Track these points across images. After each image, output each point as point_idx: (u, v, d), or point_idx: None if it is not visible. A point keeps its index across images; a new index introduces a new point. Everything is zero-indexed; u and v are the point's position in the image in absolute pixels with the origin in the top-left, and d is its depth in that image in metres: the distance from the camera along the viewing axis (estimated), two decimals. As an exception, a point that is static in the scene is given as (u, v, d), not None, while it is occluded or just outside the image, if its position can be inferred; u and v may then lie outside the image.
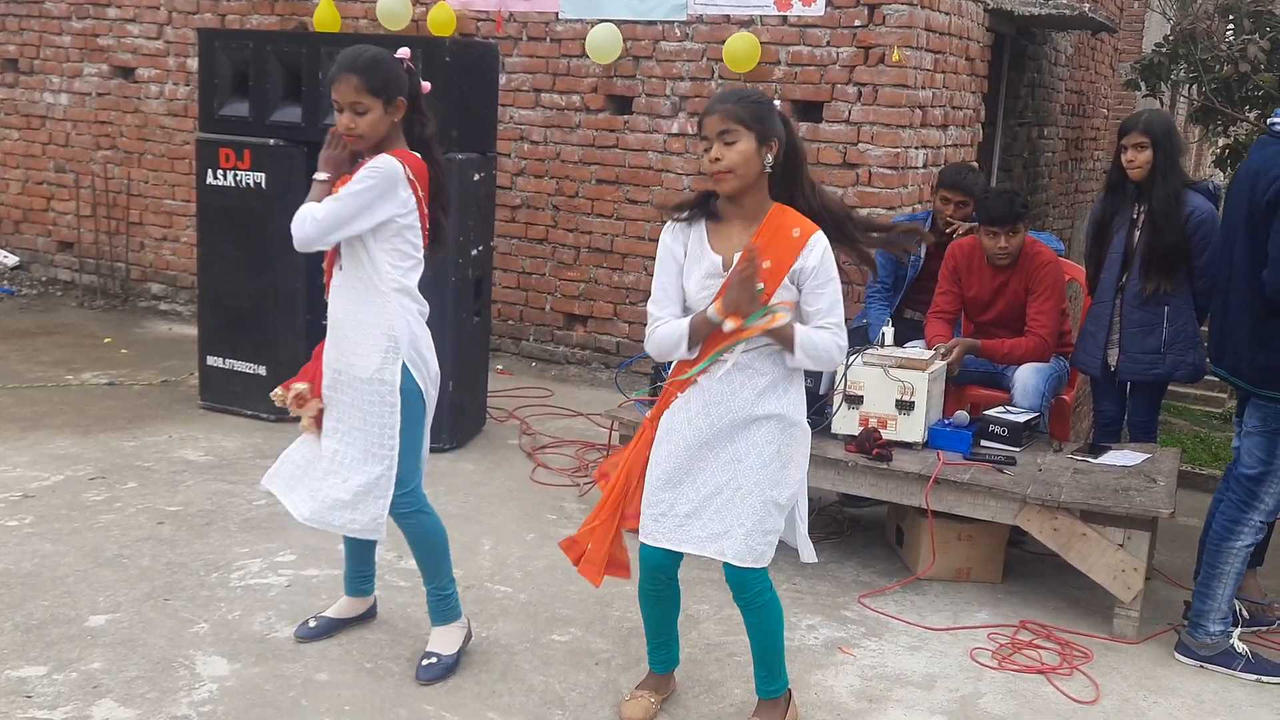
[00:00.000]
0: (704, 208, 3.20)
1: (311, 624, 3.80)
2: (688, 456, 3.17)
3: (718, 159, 3.04)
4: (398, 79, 3.41)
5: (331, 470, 3.53)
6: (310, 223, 3.42)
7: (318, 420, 3.60)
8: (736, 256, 3.08)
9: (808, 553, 3.39)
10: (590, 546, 3.31)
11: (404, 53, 3.53)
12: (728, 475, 3.15)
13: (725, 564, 3.18)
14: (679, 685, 3.57)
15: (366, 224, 3.39)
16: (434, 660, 3.60)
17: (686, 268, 3.17)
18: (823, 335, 3.10)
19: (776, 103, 3.17)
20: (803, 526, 3.35)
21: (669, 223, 3.23)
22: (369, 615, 3.92)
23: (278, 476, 3.70)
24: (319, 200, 3.45)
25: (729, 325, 3.06)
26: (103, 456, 5.40)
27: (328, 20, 7.73)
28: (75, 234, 9.16)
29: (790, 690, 3.39)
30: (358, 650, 3.71)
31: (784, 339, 3.09)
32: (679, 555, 3.24)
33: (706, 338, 3.13)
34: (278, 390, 3.67)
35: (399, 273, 3.46)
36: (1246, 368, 3.87)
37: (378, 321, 3.44)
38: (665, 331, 3.17)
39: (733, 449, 3.15)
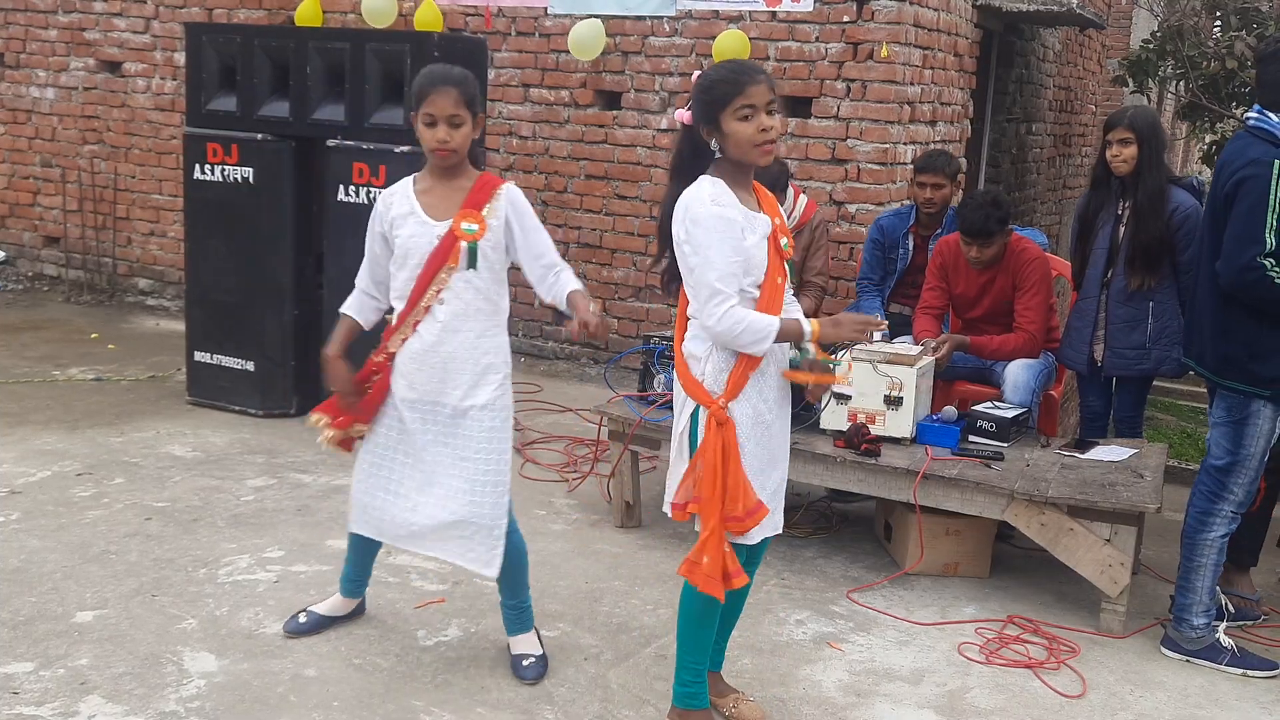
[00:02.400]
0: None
1: (301, 619, 3.79)
2: (769, 435, 3.17)
3: (770, 128, 3.00)
4: (481, 94, 3.44)
5: (444, 509, 3.48)
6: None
7: (346, 444, 3.60)
8: (767, 217, 3.10)
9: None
10: (707, 560, 3.06)
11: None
12: (784, 452, 3.27)
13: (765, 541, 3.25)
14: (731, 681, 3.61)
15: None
16: (532, 659, 3.61)
17: (748, 237, 3.04)
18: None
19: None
20: None
21: (701, 193, 3.01)
22: (358, 612, 3.91)
23: (368, 522, 3.63)
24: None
25: (811, 350, 3.14)
26: (90, 452, 5.38)
27: (309, 16, 7.70)
28: (62, 229, 9.13)
29: None
30: (346, 646, 3.71)
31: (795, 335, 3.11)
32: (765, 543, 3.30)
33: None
34: (330, 434, 3.58)
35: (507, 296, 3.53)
36: (1210, 358, 3.90)
37: (499, 349, 3.49)
38: (755, 322, 2.99)
39: (784, 423, 3.24)
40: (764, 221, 3.10)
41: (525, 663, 3.60)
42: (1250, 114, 3.90)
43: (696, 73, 3.20)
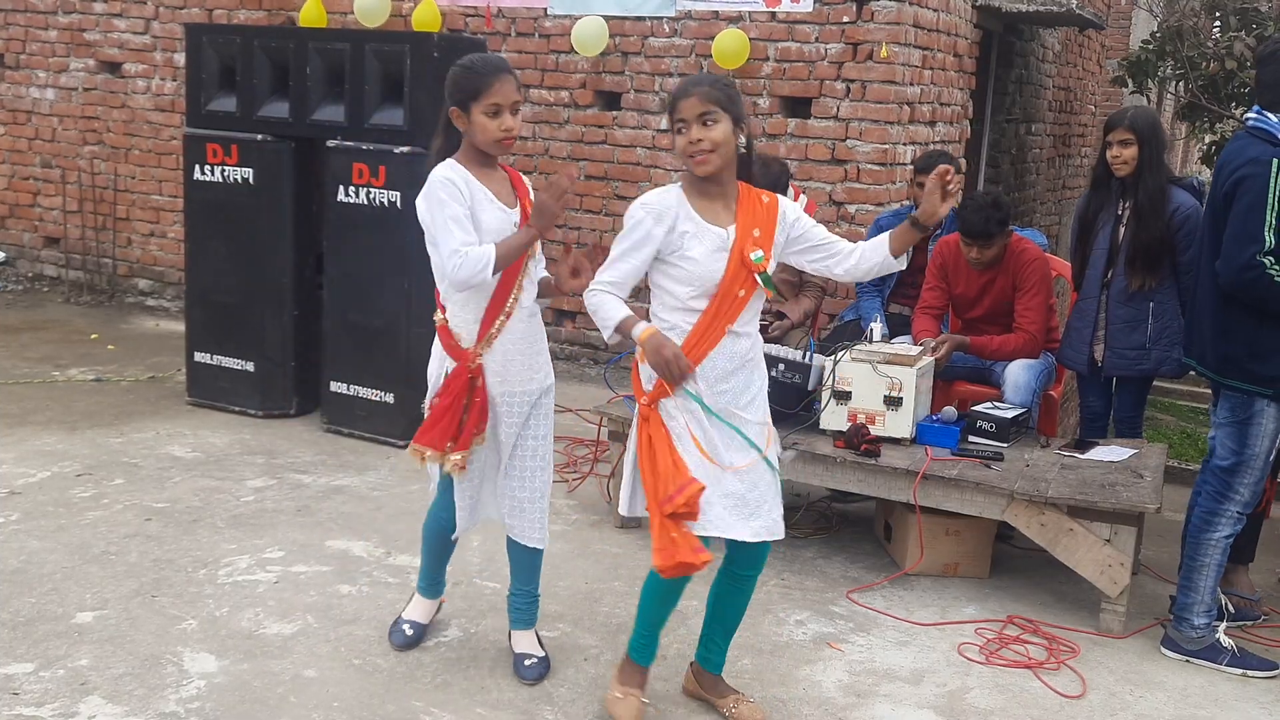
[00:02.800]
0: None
1: (409, 632, 3.76)
2: (720, 435, 3.19)
3: (699, 140, 3.08)
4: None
5: (522, 488, 3.53)
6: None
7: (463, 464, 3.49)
8: (732, 230, 3.15)
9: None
10: (656, 546, 3.12)
11: None
12: (752, 454, 3.22)
13: (745, 541, 3.23)
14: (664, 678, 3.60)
15: None
16: (535, 659, 3.61)
17: (686, 244, 3.13)
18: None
19: None
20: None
21: (646, 202, 3.16)
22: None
23: (472, 518, 3.60)
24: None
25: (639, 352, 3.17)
26: (90, 453, 5.38)
27: (313, 16, 7.71)
28: (62, 229, 9.13)
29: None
30: (346, 647, 3.71)
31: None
32: None
33: (729, 298, 3.16)
34: (456, 458, 3.43)
35: None
36: (1211, 357, 3.91)
37: (543, 331, 3.56)
38: (603, 305, 3.17)
39: (741, 423, 3.21)
40: (716, 234, 3.15)
41: (527, 662, 3.60)
42: (1250, 114, 3.91)
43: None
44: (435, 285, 3.44)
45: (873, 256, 3.27)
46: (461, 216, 3.25)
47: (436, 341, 3.48)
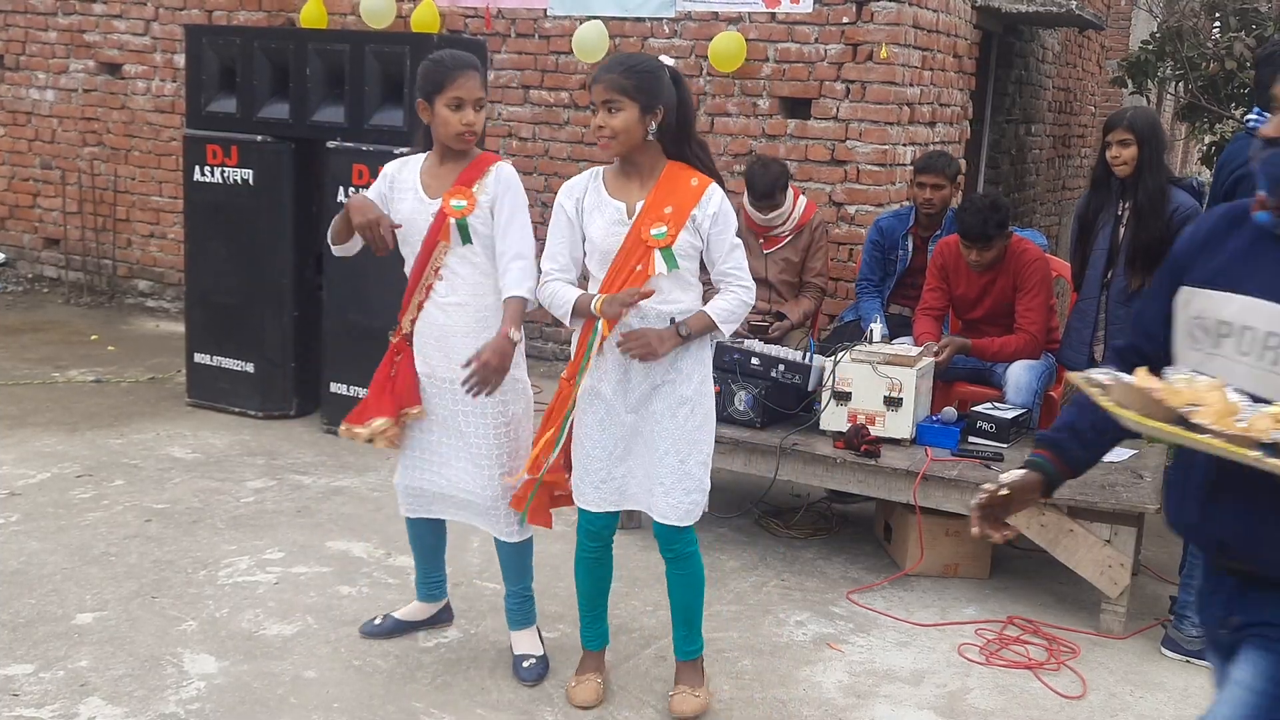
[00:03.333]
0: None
1: (378, 621, 3.82)
2: (615, 420, 3.31)
3: (601, 126, 3.18)
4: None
5: (471, 481, 3.55)
6: (531, 269, 3.50)
7: (395, 439, 3.59)
8: (639, 205, 3.22)
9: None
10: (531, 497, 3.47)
11: None
12: (651, 436, 3.29)
13: (656, 522, 3.35)
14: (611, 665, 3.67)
15: None
16: (533, 660, 3.63)
17: (587, 218, 3.29)
18: (729, 299, 3.27)
19: (668, 62, 3.27)
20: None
21: (564, 184, 3.35)
22: (444, 617, 3.91)
23: (419, 502, 3.67)
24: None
25: (601, 326, 3.26)
26: (90, 454, 5.38)
27: (314, 17, 7.70)
28: (62, 230, 9.13)
29: (702, 656, 3.51)
30: (346, 648, 3.71)
31: (704, 327, 3.25)
32: (615, 519, 3.43)
33: (625, 270, 3.25)
34: (385, 430, 3.55)
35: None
36: None
37: (480, 326, 3.51)
38: (556, 294, 3.31)
39: (651, 410, 3.29)
40: (616, 207, 3.25)
41: (526, 664, 3.61)
42: (1251, 115, 3.92)
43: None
44: None
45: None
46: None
47: None
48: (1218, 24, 8.56)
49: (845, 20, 6.56)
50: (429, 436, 3.56)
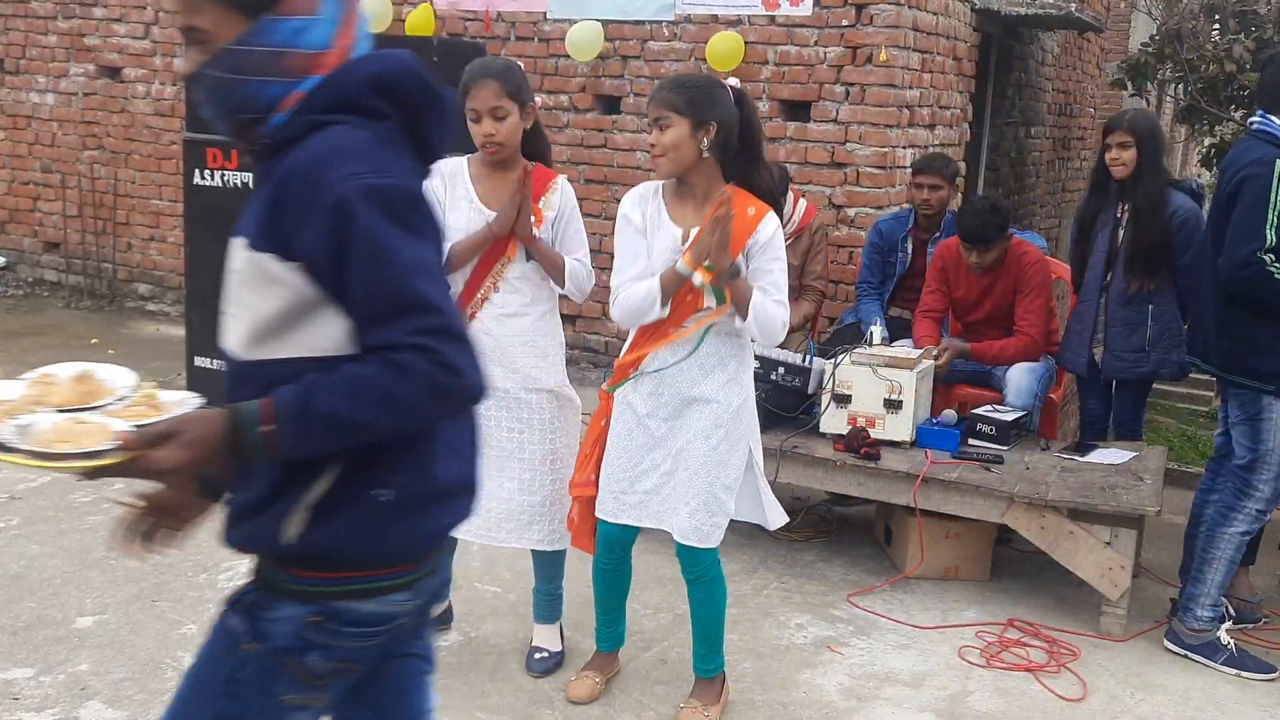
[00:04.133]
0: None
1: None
2: (644, 433, 3.28)
3: (653, 144, 3.14)
4: (528, 85, 3.43)
5: (514, 494, 3.54)
6: (591, 279, 3.54)
7: None
8: (694, 231, 3.15)
9: (776, 515, 3.49)
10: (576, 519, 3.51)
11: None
12: (679, 454, 3.27)
13: (677, 542, 3.32)
14: (622, 667, 3.68)
15: None
16: (545, 654, 3.66)
17: (651, 238, 3.22)
18: (773, 305, 3.18)
19: (732, 83, 3.23)
20: (767, 492, 3.47)
21: (627, 196, 3.30)
22: (446, 617, 3.92)
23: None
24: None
25: (698, 278, 3.11)
26: (90, 457, 5.38)
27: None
28: (62, 234, 9.13)
29: (724, 673, 3.48)
30: (347, 651, 3.71)
31: (741, 297, 3.14)
32: (635, 531, 3.40)
33: (675, 299, 3.18)
34: None
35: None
36: (1214, 353, 3.95)
37: (555, 332, 3.56)
38: (634, 292, 3.18)
39: (682, 427, 3.26)
40: (672, 233, 3.22)
41: (538, 655, 3.66)
42: (1254, 118, 3.94)
43: (734, 80, 3.30)
44: None
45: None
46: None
47: None
48: (1217, 26, 8.57)
49: (845, 23, 6.56)
50: None
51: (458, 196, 3.43)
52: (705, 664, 3.44)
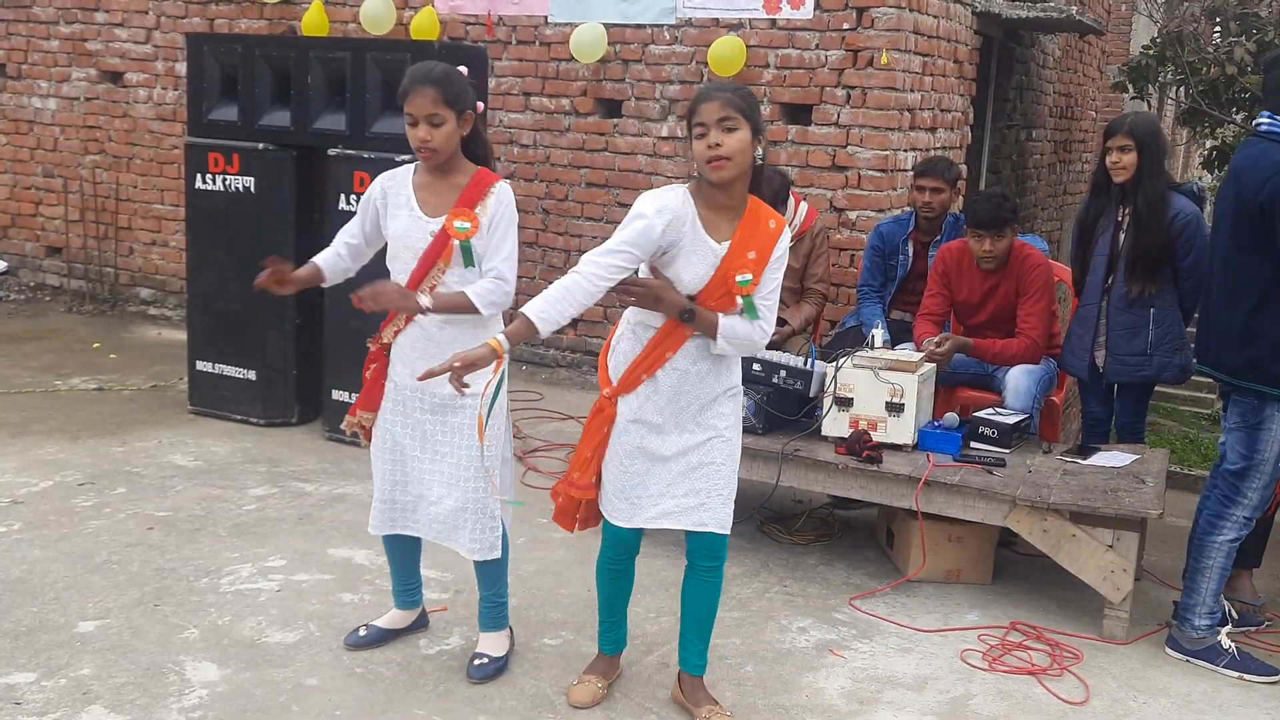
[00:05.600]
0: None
1: (362, 632, 3.80)
2: (659, 436, 3.26)
3: (718, 144, 3.04)
4: (467, 92, 3.43)
5: (444, 498, 3.54)
6: (509, 292, 3.45)
7: (367, 432, 3.65)
8: (725, 246, 3.15)
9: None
10: (560, 498, 3.44)
11: (462, 70, 3.53)
12: (702, 449, 3.26)
13: (694, 533, 3.31)
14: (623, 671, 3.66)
15: None
16: (485, 660, 3.64)
17: (684, 255, 3.15)
18: (743, 324, 3.17)
19: None
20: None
21: (660, 200, 3.11)
22: (421, 623, 3.91)
23: (391, 520, 3.63)
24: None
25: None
26: (92, 462, 5.39)
27: (316, 25, 7.72)
28: (64, 239, 9.14)
29: None
30: (348, 656, 3.71)
31: (708, 327, 3.16)
32: (641, 533, 3.39)
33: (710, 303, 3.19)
34: (350, 420, 3.67)
35: None
36: (1232, 360, 3.90)
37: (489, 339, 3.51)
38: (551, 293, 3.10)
39: (703, 423, 3.26)
40: (710, 247, 3.15)
41: (477, 662, 3.64)
42: (1262, 119, 3.89)
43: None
44: None
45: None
46: (359, 214, 3.56)
47: None
48: (1218, 29, 8.56)
49: (846, 26, 6.57)
50: (405, 449, 3.55)
51: (399, 204, 3.46)
52: (700, 660, 3.45)
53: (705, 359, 3.24)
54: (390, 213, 3.47)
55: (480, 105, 3.55)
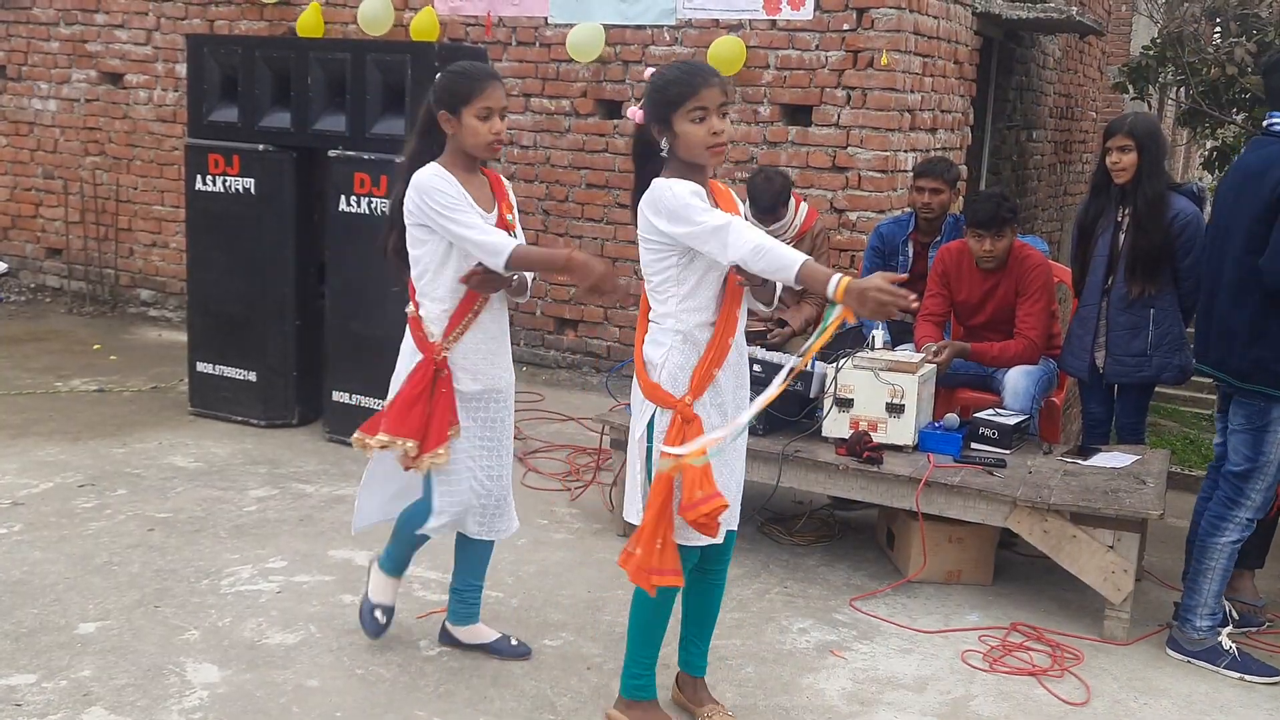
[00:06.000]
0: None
1: (380, 618, 3.76)
2: (733, 441, 3.19)
3: (720, 131, 3.04)
4: None
5: (500, 486, 3.60)
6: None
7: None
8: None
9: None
10: (639, 551, 3.09)
11: None
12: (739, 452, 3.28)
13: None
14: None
15: None
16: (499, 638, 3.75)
17: None
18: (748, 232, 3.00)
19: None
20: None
21: (680, 182, 3.04)
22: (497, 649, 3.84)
23: (483, 524, 3.61)
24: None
25: (836, 310, 2.97)
26: (92, 463, 5.39)
27: (311, 26, 7.72)
28: (64, 240, 9.14)
29: None
30: (349, 657, 3.71)
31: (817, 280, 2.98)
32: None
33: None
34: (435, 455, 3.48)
35: None
36: (1238, 361, 3.89)
37: (508, 329, 3.62)
38: (764, 243, 2.91)
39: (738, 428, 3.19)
40: None
41: (514, 641, 3.74)
42: (1274, 118, 3.88)
43: (649, 70, 3.26)
44: (410, 279, 3.52)
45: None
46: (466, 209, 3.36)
47: (407, 335, 3.55)
48: (1218, 29, 8.56)
49: (846, 27, 6.57)
50: (476, 452, 3.54)
51: (460, 202, 3.43)
52: (704, 660, 3.45)
53: (739, 357, 3.24)
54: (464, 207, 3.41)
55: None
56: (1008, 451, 4.61)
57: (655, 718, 3.33)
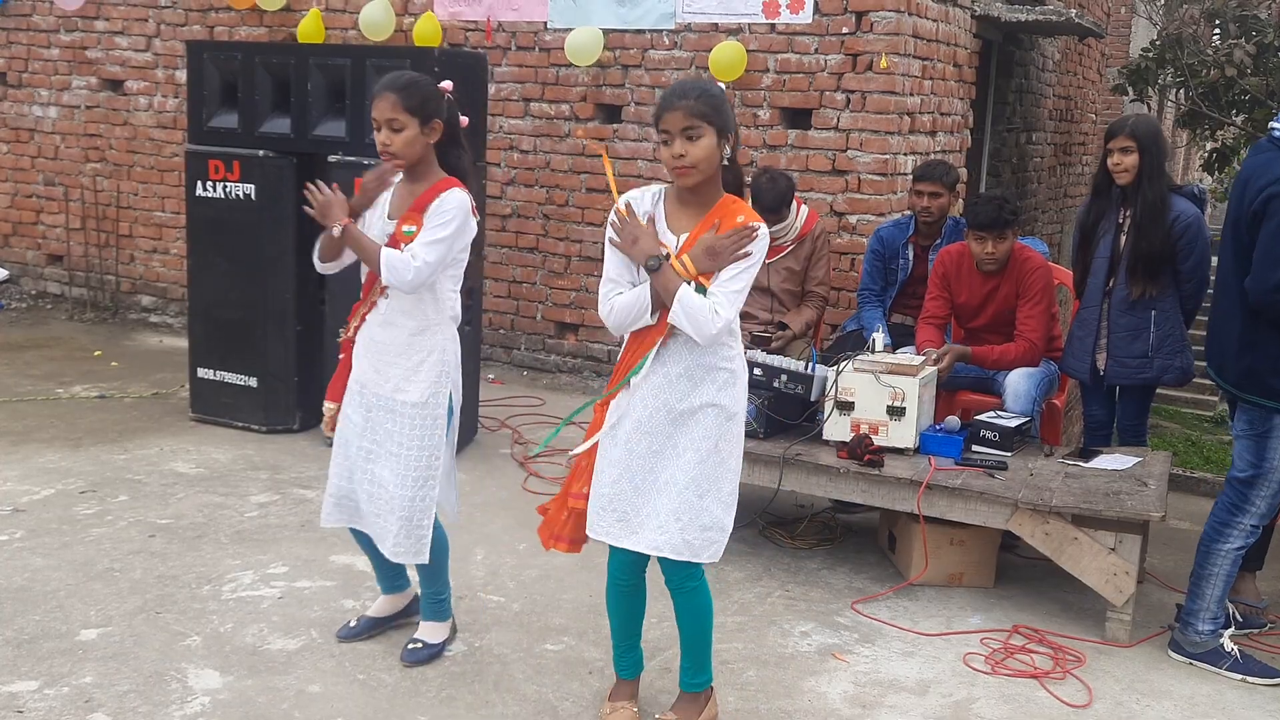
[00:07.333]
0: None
1: (353, 623, 3.88)
2: (629, 451, 3.20)
3: (682, 155, 3.06)
4: (435, 102, 3.46)
5: (375, 496, 3.59)
6: (414, 270, 3.40)
7: (332, 422, 3.73)
8: (683, 238, 3.14)
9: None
10: (550, 512, 3.43)
11: (446, 85, 3.57)
12: (667, 468, 3.17)
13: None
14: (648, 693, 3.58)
15: (452, 258, 3.52)
16: (419, 645, 3.73)
17: None
18: (700, 299, 3.05)
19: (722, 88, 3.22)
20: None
21: (631, 192, 3.24)
22: (412, 609, 3.94)
23: (341, 511, 3.72)
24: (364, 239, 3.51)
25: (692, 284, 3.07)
26: (93, 470, 5.39)
27: (311, 32, 7.73)
28: (65, 247, 9.15)
29: (712, 688, 3.44)
30: (350, 662, 3.71)
31: (666, 287, 3.06)
32: (641, 557, 3.28)
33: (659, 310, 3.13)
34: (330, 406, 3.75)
35: (454, 301, 3.58)
36: (1232, 371, 3.89)
37: (433, 349, 3.55)
38: (628, 299, 3.14)
39: (672, 442, 3.17)
40: (667, 239, 3.17)
41: (411, 646, 3.73)
42: (1276, 124, 3.87)
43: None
44: None
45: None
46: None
47: None
48: (1217, 31, 8.58)
49: (845, 31, 6.57)
50: (354, 444, 3.63)
51: (379, 204, 3.59)
52: (690, 678, 3.39)
53: (673, 369, 3.19)
54: (373, 213, 3.60)
55: (465, 119, 3.61)
56: (1009, 454, 4.61)
57: (619, 694, 3.46)
